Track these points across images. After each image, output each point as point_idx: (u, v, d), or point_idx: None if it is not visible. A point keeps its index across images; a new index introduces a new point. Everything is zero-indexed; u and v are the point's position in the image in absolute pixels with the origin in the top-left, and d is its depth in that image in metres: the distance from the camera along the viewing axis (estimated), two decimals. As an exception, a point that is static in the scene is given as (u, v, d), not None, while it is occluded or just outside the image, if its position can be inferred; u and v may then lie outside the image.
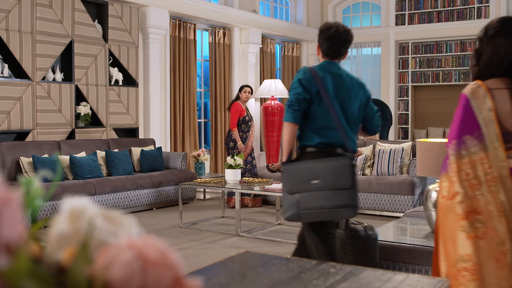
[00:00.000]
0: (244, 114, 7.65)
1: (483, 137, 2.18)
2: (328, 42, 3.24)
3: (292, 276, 1.50)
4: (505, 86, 2.25)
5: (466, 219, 2.13)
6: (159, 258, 0.54)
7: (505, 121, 2.21)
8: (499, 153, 2.16)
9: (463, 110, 2.25)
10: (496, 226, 2.10)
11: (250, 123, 7.73)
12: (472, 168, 2.17)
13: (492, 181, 2.14)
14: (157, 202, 7.34)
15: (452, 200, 2.18)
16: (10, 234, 0.51)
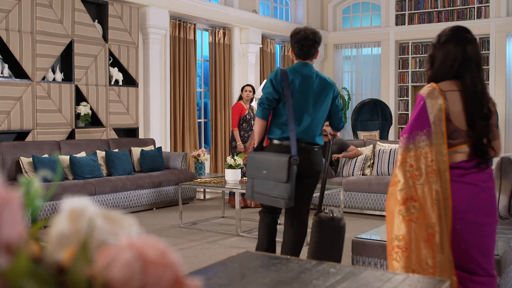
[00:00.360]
0: (245, 113, 7.64)
1: (431, 134, 2.43)
2: (298, 45, 3.63)
3: (292, 276, 1.50)
4: (456, 88, 2.49)
5: (403, 204, 2.41)
6: (159, 258, 0.54)
7: (456, 120, 2.44)
8: (442, 149, 2.42)
9: (419, 109, 2.48)
10: (428, 212, 2.38)
11: (253, 122, 7.68)
12: (416, 161, 2.42)
13: (431, 173, 2.40)
14: (157, 202, 7.34)
15: (394, 187, 2.45)
16: (10, 234, 0.51)
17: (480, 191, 2.45)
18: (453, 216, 2.41)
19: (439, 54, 2.58)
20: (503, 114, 10.74)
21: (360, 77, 12.62)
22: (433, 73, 2.59)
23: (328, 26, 12.63)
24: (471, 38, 2.63)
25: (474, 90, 2.47)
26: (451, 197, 2.40)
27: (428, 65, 2.64)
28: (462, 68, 2.52)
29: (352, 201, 6.98)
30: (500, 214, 4.13)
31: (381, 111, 11.28)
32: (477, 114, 2.45)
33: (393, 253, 2.43)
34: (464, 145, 2.45)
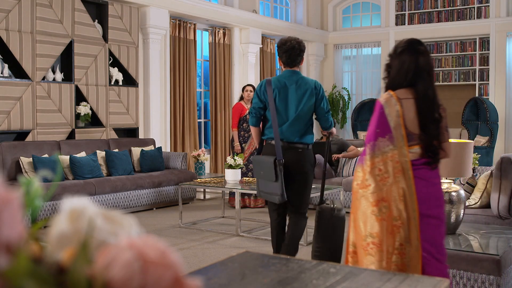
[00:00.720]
0: (245, 113, 7.64)
1: (393, 139, 2.70)
2: (286, 54, 4.02)
3: (292, 276, 1.50)
4: (411, 96, 2.75)
5: (376, 206, 2.67)
6: (159, 258, 0.54)
7: (410, 125, 2.73)
8: (404, 151, 2.70)
9: (378, 116, 2.73)
10: (394, 208, 2.66)
11: None
12: (384, 165, 2.69)
13: (397, 173, 2.68)
14: (157, 202, 7.34)
15: (365, 189, 2.70)
16: (10, 234, 0.51)
17: (430, 186, 2.74)
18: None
19: (395, 64, 2.80)
20: (503, 114, 10.74)
21: (360, 77, 12.62)
22: (389, 81, 2.83)
23: (328, 26, 12.63)
24: (423, 50, 2.80)
25: (426, 97, 2.73)
26: (416, 193, 2.67)
27: (385, 74, 2.88)
28: (415, 77, 2.75)
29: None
30: (500, 214, 4.13)
31: (381, 111, 11.26)
32: (428, 119, 2.72)
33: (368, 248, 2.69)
34: (416, 146, 2.74)
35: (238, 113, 7.59)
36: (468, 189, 4.59)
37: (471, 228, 3.86)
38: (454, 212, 3.59)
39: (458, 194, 3.60)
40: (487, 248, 3.46)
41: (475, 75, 11.20)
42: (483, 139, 9.79)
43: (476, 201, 4.45)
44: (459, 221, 3.64)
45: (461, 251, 3.25)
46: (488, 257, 3.15)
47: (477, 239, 3.65)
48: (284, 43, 4.03)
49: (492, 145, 9.75)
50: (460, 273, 3.22)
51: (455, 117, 11.66)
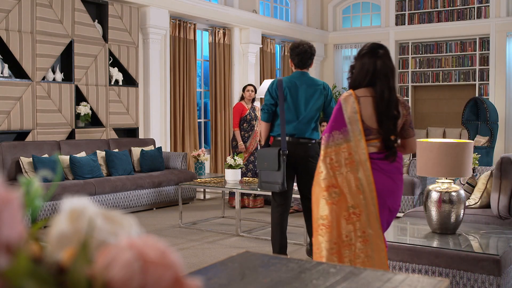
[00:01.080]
0: (246, 113, 7.63)
1: (347, 133, 2.97)
2: (298, 57, 4.36)
3: (292, 276, 1.50)
4: (369, 94, 3.03)
5: (326, 191, 2.95)
6: (159, 258, 0.54)
7: (367, 120, 3.00)
8: (361, 144, 2.95)
9: (336, 111, 3.04)
10: (349, 196, 2.91)
11: (254, 122, 7.64)
12: (336, 155, 2.97)
13: (350, 164, 2.93)
14: (157, 202, 7.34)
15: (318, 176, 3.00)
16: (10, 234, 0.51)
17: (387, 178, 3.00)
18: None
19: (357, 65, 3.11)
20: (503, 114, 10.74)
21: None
22: (352, 81, 3.13)
23: (328, 26, 12.63)
24: (382, 54, 3.06)
25: (382, 96, 3.01)
26: (374, 182, 2.92)
27: (349, 74, 3.18)
28: (374, 78, 3.04)
29: (352, 201, 6.98)
30: (500, 214, 4.13)
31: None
32: (385, 116, 2.99)
33: (318, 229, 2.98)
34: (376, 140, 3.02)
35: (239, 113, 7.61)
36: (468, 189, 4.59)
37: (471, 228, 3.86)
38: (454, 212, 3.59)
39: (458, 194, 3.60)
40: (487, 248, 3.46)
41: (475, 75, 11.20)
42: (483, 139, 9.79)
43: (476, 201, 4.45)
44: (459, 221, 3.64)
45: (461, 251, 3.25)
46: (488, 257, 3.15)
47: (477, 239, 3.65)
48: (297, 46, 4.39)
49: (492, 145, 9.75)
50: (460, 273, 3.22)
51: (455, 117, 11.66)
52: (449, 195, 3.58)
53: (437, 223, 3.63)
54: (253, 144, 7.63)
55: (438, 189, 3.63)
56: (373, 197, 2.91)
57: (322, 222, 2.95)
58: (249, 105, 7.70)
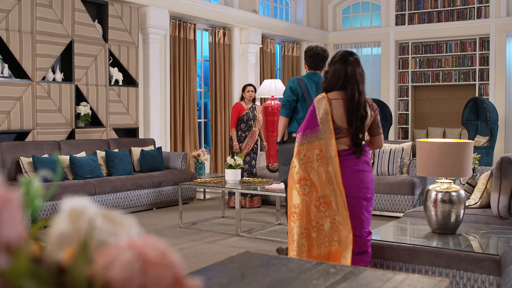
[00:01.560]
0: (243, 113, 7.60)
1: (319, 132, 3.35)
2: (311, 59, 4.69)
3: (292, 276, 1.50)
4: (341, 97, 3.42)
5: (298, 183, 3.36)
6: (159, 258, 0.54)
7: (338, 121, 3.38)
8: (331, 142, 3.33)
9: (310, 113, 3.41)
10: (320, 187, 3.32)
11: (251, 122, 7.62)
12: (308, 151, 3.36)
13: (321, 159, 3.33)
14: (157, 202, 7.34)
15: (292, 170, 3.42)
16: (10, 234, 0.51)
17: (355, 172, 3.38)
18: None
19: (330, 71, 3.52)
20: (503, 114, 10.74)
21: (360, 77, 12.61)
22: (325, 85, 3.52)
23: (328, 26, 12.63)
24: (352, 61, 3.46)
25: (352, 99, 3.39)
26: (341, 176, 3.32)
27: (324, 78, 3.60)
28: (345, 83, 3.43)
29: (352, 201, 6.98)
30: (500, 214, 4.13)
31: (381, 111, 11.27)
32: (354, 117, 3.36)
33: (291, 217, 3.40)
34: (345, 138, 3.40)
35: (236, 113, 7.58)
36: (468, 189, 4.59)
37: (471, 228, 3.86)
38: (454, 212, 3.59)
39: (458, 194, 3.60)
40: (487, 248, 3.46)
41: (475, 75, 11.20)
42: (483, 139, 9.79)
43: (476, 201, 4.45)
44: (459, 221, 3.64)
45: (461, 251, 3.25)
46: (488, 257, 3.15)
47: (477, 239, 3.65)
48: (310, 49, 4.71)
49: (492, 145, 9.75)
50: (460, 273, 3.22)
51: (455, 117, 11.66)
52: (449, 195, 3.58)
53: (437, 223, 3.63)
54: (250, 144, 7.59)
55: (438, 189, 3.63)
56: (340, 188, 3.30)
57: (294, 210, 3.37)
58: (249, 105, 7.67)
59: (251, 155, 7.55)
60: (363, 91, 3.44)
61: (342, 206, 3.30)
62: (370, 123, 3.47)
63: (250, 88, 7.66)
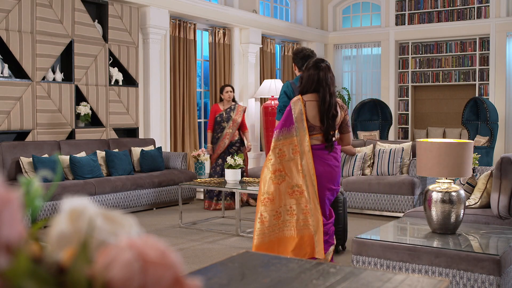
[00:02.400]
0: (217, 114, 7.48)
1: (294, 129, 3.86)
2: (303, 61, 4.75)
3: (292, 276, 1.50)
4: (314, 99, 3.92)
5: (273, 173, 3.86)
6: (159, 258, 0.54)
7: (311, 119, 3.89)
8: (305, 138, 3.84)
9: (287, 112, 3.90)
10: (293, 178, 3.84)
11: (224, 124, 7.45)
12: (284, 146, 3.85)
13: (295, 153, 3.83)
14: (157, 202, 7.34)
15: (267, 162, 3.91)
16: (10, 234, 0.51)
17: (325, 165, 3.91)
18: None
19: (305, 75, 3.99)
20: (503, 114, 10.75)
21: (360, 77, 12.62)
22: (301, 88, 4.00)
23: (328, 26, 12.63)
24: (324, 67, 3.96)
25: (324, 101, 3.90)
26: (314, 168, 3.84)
27: (299, 83, 4.06)
28: (318, 86, 3.92)
29: (352, 201, 6.98)
30: (500, 214, 4.13)
31: (381, 111, 11.27)
32: (326, 116, 3.87)
33: (263, 201, 3.88)
34: (318, 135, 3.91)
35: (213, 115, 7.53)
36: (468, 189, 4.59)
37: (471, 228, 3.86)
38: (454, 212, 3.59)
39: (458, 194, 3.60)
40: (487, 248, 3.46)
41: (475, 75, 11.20)
42: (483, 139, 9.79)
43: (476, 201, 4.45)
44: (459, 221, 3.64)
45: (461, 251, 3.25)
46: (488, 257, 3.15)
47: (477, 239, 3.65)
48: (300, 51, 4.85)
49: (492, 145, 9.75)
50: (460, 273, 3.22)
51: (455, 117, 11.67)
52: (449, 195, 3.58)
53: (437, 223, 3.63)
54: (222, 146, 7.43)
55: (438, 189, 3.63)
56: (313, 179, 3.82)
57: (267, 196, 3.88)
58: (226, 106, 7.54)
59: (223, 157, 7.35)
60: (333, 93, 3.94)
61: (314, 195, 3.83)
62: (340, 122, 3.99)
63: (228, 89, 7.55)
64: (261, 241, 3.90)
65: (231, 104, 7.54)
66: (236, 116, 7.49)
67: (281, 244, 3.91)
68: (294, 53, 4.87)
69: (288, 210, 3.85)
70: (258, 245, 3.90)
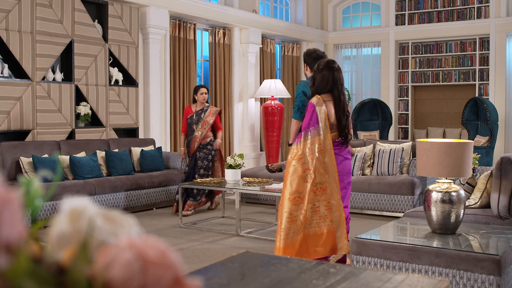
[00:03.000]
0: (188, 116, 7.14)
1: (319, 129, 4.04)
2: (313, 61, 4.83)
3: (292, 276, 1.50)
4: (331, 99, 4.14)
5: (303, 172, 4.00)
6: (159, 258, 0.54)
7: (330, 118, 4.11)
8: (328, 136, 4.05)
9: (312, 112, 4.07)
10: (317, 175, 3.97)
11: (194, 126, 7.05)
12: (311, 145, 4.02)
13: (320, 152, 4.01)
14: (157, 202, 7.34)
15: (299, 161, 4.02)
16: (10, 234, 0.51)
17: (343, 160, 4.20)
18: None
19: (318, 76, 4.16)
20: (503, 114, 10.75)
21: (360, 77, 12.62)
22: (315, 89, 4.18)
23: (328, 26, 12.63)
24: (337, 68, 4.18)
25: (339, 100, 4.15)
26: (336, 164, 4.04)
27: (312, 83, 4.24)
28: (332, 86, 4.14)
29: (352, 201, 6.98)
30: (500, 214, 4.13)
31: (381, 111, 11.27)
32: (341, 114, 4.14)
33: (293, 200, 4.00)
34: (335, 132, 4.17)
35: (185, 117, 7.19)
36: (468, 189, 4.59)
37: (471, 228, 3.86)
38: (454, 212, 3.59)
39: (458, 194, 3.60)
40: (487, 248, 3.46)
41: (475, 75, 11.20)
42: (483, 139, 9.79)
43: (476, 201, 4.45)
44: (459, 221, 3.64)
45: (461, 251, 3.25)
46: (488, 257, 3.15)
47: (477, 239, 3.65)
48: (313, 52, 4.95)
49: (492, 145, 9.75)
50: (460, 273, 3.22)
51: (455, 117, 11.66)
52: (449, 195, 3.58)
53: (437, 223, 3.63)
54: (192, 149, 7.07)
55: (438, 189, 3.63)
56: (335, 175, 4.01)
57: (298, 194, 3.99)
58: (199, 107, 7.12)
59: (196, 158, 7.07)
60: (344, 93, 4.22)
61: (336, 190, 4.01)
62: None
63: (203, 90, 7.09)
64: (292, 241, 3.97)
65: (204, 106, 7.13)
66: (208, 118, 7.05)
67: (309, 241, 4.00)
68: (307, 54, 4.94)
69: (313, 208, 3.97)
70: (290, 244, 3.97)
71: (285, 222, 3.97)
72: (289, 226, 3.97)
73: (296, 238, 3.98)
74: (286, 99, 10.93)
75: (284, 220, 3.98)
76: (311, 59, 4.90)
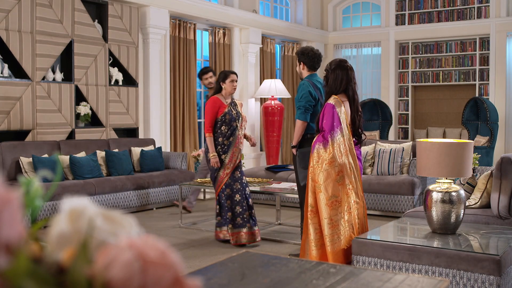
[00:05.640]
0: (223, 111, 5.54)
1: (342, 129, 4.02)
2: (311, 60, 4.86)
3: (292, 276, 1.50)
4: (346, 99, 4.12)
5: (337, 175, 3.97)
6: (159, 258, 0.54)
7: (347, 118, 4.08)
8: (350, 137, 4.06)
9: (332, 114, 4.01)
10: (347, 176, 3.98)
11: (235, 123, 5.47)
12: (338, 147, 3.98)
13: (346, 152, 4.01)
14: (157, 202, 7.34)
15: (331, 165, 3.97)
16: (10, 234, 0.51)
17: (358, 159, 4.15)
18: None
19: (332, 76, 4.12)
20: (503, 114, 10.74)
21: (360, 77, 12.61)
22: (330, 89, 4.13)
23: (328, 26, 12.63)
24: (350, 67, 4.15)
25: (354, 100, 4.13)
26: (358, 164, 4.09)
27: (325, 83, 4.21)
28: (346, 86, 4.10)
29: (352, 201, 6.98)
30: (500, 214, 4.13)
31: (381, 111, 11.27)
32: (356, 114, 4.14)
33: (331, 205, 3.95)
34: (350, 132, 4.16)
35: (215, 111, 5.36)
36: (468, 189, 4.59)
37: (471, 228, 3.86)
38: (454, 212, 3.59)
39: (458, 194, 3.60)
40: (487, 248, 3.46)
41: (475, 75, 11.20)
42: (483, 139, 9.79)
43: (476, 201, 4.45)
44: (459, 221, 3.64)
45: (461, 251, 3.25)
46: (488, 257, 3.15)
47: (477, 239, 3.65)
48: (309, 50, 4.88)
49: (492, 145, 9.75)
50: (460, 273, 3.22)
51: (455, 117, 11.66)
52: (449, 195, 3.58)
53: (437, 223, 3.63)
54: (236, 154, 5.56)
55: (438, 189, 3.63)
56: (359, 174, 4.06)
57: (335, 199, 3.95)
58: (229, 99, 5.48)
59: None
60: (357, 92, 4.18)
61: (360, 190, 4.05)
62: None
63: (233, 77, 5.47)
64: (339, 245, 3.93)
65: (232, 98, 5.57)
66: (243, 113, 5.61)
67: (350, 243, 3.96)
68: (302, 52, 4.86)
69: (346, 210, 3.96)
70: (338, 250, 3.92)
71: (327, 228, 3.93)
72: (331, 232, 3.94)
73: (341, 243, 3.94)
74: (286, 99, 10.93)
75: (326, 227, 3.94)
76: (307, 57, 4.84)
